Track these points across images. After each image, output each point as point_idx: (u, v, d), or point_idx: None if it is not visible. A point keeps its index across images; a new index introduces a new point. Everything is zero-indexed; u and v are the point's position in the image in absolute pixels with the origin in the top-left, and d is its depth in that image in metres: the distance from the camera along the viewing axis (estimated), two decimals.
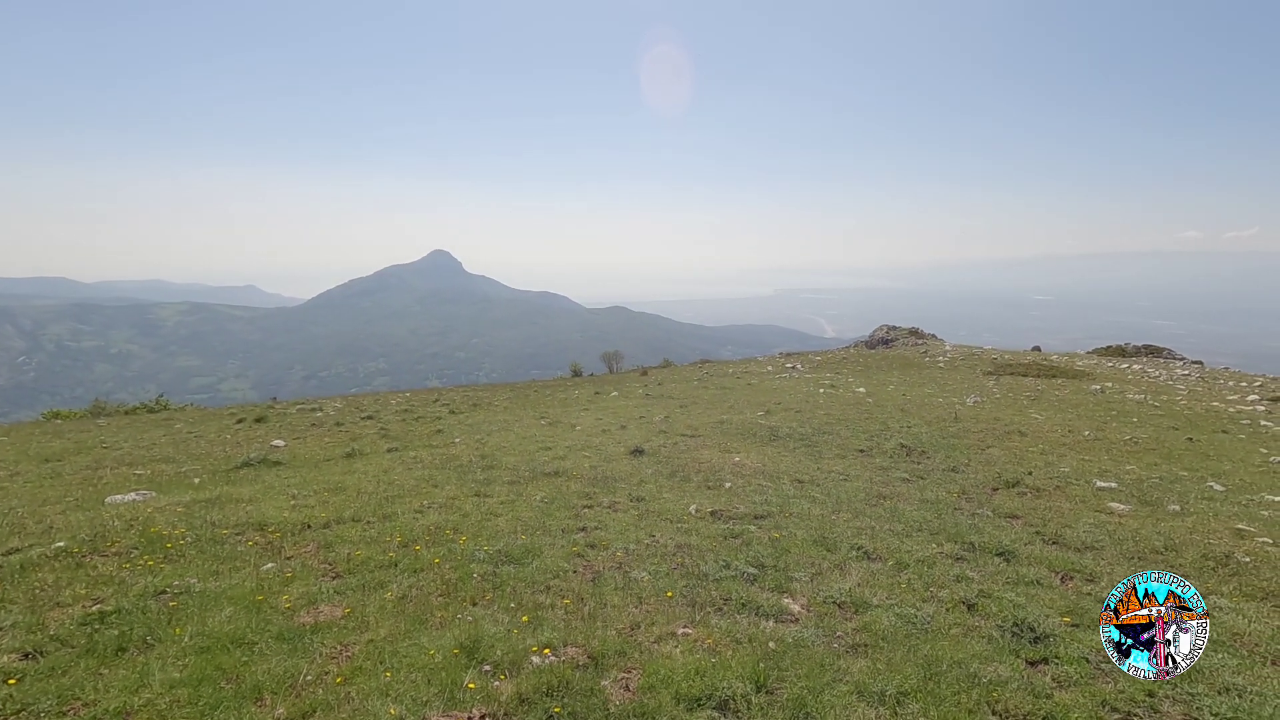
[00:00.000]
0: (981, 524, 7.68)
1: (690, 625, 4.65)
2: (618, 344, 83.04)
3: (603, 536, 6.60)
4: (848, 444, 12.58)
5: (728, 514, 7.56)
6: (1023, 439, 13.72)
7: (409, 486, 8.78)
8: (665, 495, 8.50)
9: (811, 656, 4.19)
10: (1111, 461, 11.94)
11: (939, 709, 3.67)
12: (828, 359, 34.61)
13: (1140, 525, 8.05)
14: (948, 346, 37.56)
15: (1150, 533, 7.69)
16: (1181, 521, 8.35)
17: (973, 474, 10.54)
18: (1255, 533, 7.94)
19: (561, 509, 7.67)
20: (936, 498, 8.94)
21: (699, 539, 6.53)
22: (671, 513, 7.58)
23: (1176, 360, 32.61)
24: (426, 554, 5.91)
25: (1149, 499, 9.41)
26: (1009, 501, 9.02)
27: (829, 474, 10.14)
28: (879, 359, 33.70)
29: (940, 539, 6.91)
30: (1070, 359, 32.47)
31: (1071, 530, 7.66)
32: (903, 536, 6.93)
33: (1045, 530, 7.60)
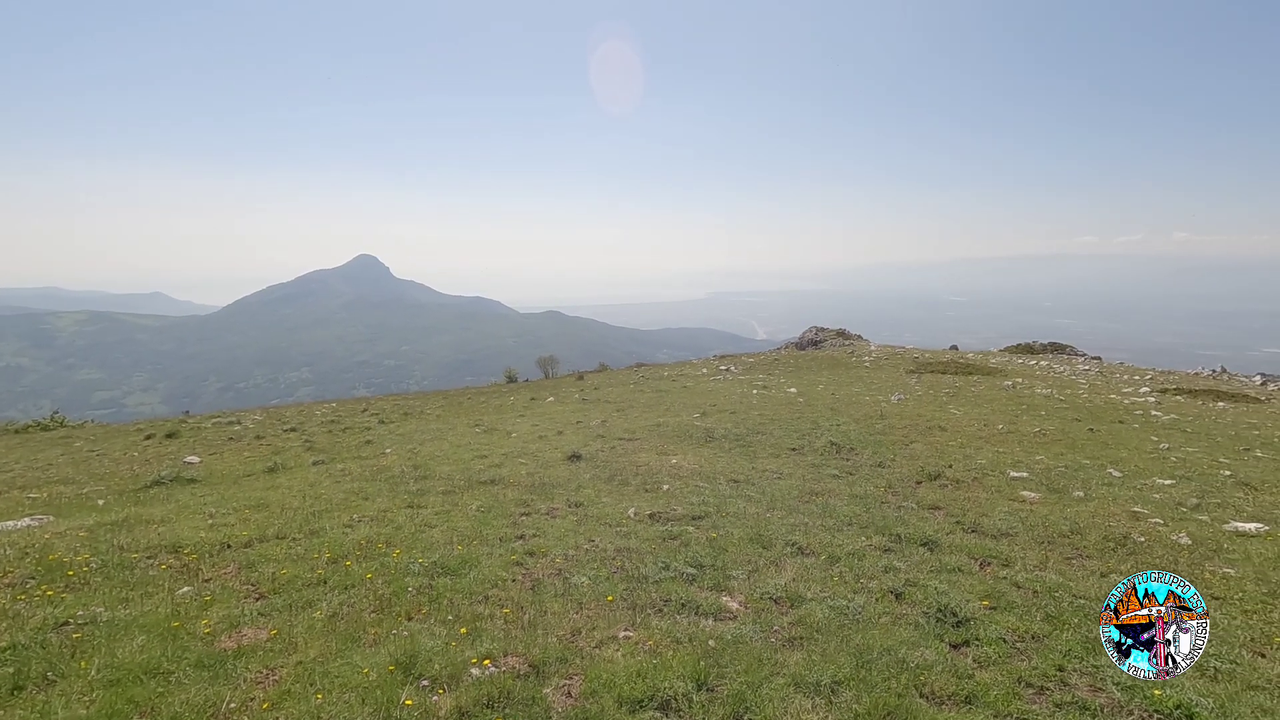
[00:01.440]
0: (907, 516, 8.03)
1: (631, 628, 4.67)
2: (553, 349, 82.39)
3: (541, 544, 6.54)
4: (781, 443, 12.90)
5: (666, 516, 7.62)
6: (943, 434, 14.41)
7: (337, 500, 8.45)
8: (604, 500, 8.50)
9: (750, 652, 4.29)
10: (1023, 452, 12.70)
11: (870, 695, 3.82)
12: (760, 360, 35.38)
13: (1049, 511, 8.60)
14: (873, 346, 39.06)
15: (1058, 518, 8.24)
16: (1085, 506, 8.97)
17: (898, 469, 10.99)
18: (1149, 514, 8.62)
19: (499, 518, 7.55)
20: (865, 493, 9.29)
21: (638, 542, 6.56)
22: (610, 517, 7.59)
23: (1078, 356, 34.99)
24: (358, 569, 5.71)
25: (1056, 486, 10.06)
26: (932, 494, 9.46)
27: (764, 473, 10.37)
28: (809, 360, 34.71)
29: (869, 532, 7.19)
30: (985, 357, 34.35)
31: (988, 519, 8.11)
32: (834, 531, 7.17)
33: (965, 520, 8.02)
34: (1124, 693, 3.94)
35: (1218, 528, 8.16)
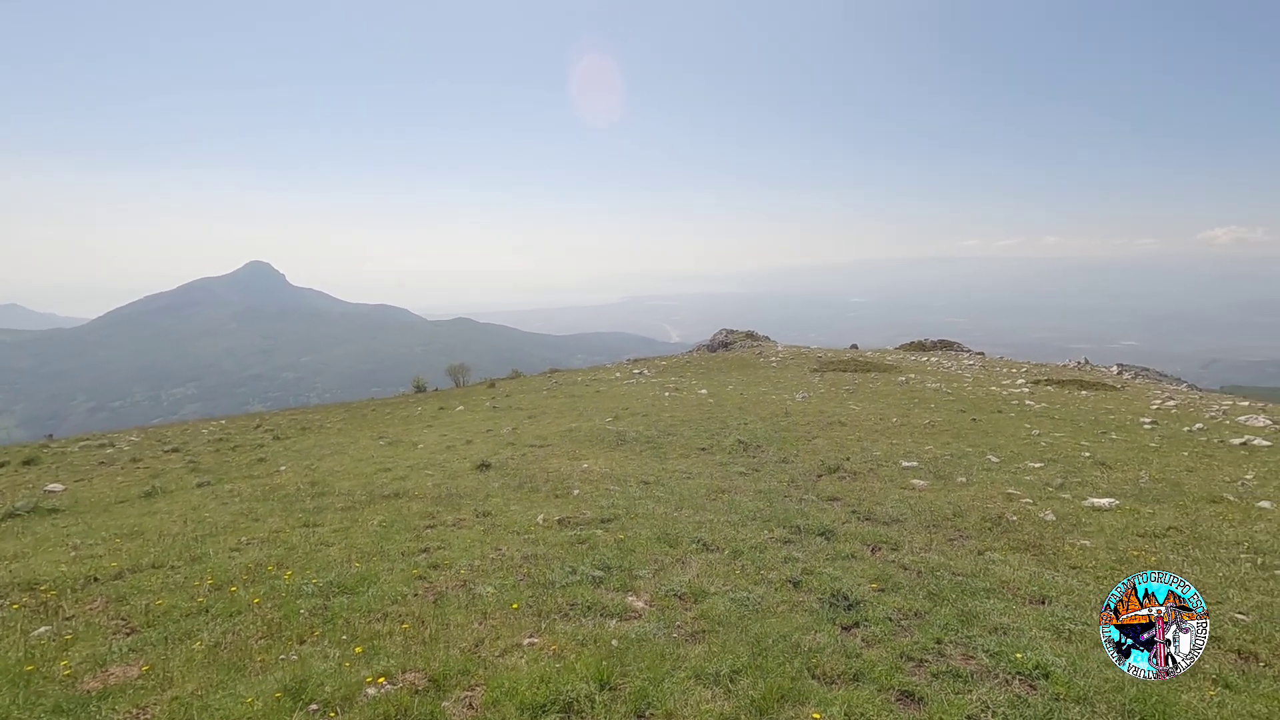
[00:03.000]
0: (807, 508, 8.39)
1: (536, 634, 4.64)
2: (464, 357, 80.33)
3: (446, 555, 6.38)
4: (690, 443, 13.16)
5: (575, 520, 7.62)
6: (843, 428, 15.15)
7: (224, 523, 7.92)
8: (513, 508, 8.39)
9: (653, 649, 4.36)
10: (914, 443, 13.54)
11: (766, 681, 3.98)
12: (672, 363, 35.94)
13: (935, 497, 9.22)
14: (780, 347, 40.51)
15: (942, 503, 8.84)
16: (967, 491, 9.67)
17: (801, 463, 11.46)
18: (1020, 495, 9.40)
19: (402, 531, 7.31)
20: (769, 488, 9.63)
21: (546, 548, 6.53)
22: (519, 524, 7.50)
23: (965, 352, 37.64)
24: (244, 595, 5.37)
25: (942, 474, 10.79)
26: (831, 485, 9.93)
27: (673, 473, 10.55)
28: (719, 361, 35.57)
29: (771, 525, 7.46)
30: (882, 354, 36.36)
31: (881, 507, 8.60)
32: (738, 526, 7.40)
33: (860, 509, 8.46)
34: (991, 658, 4.29)
35: (1078, 504, 9.00)
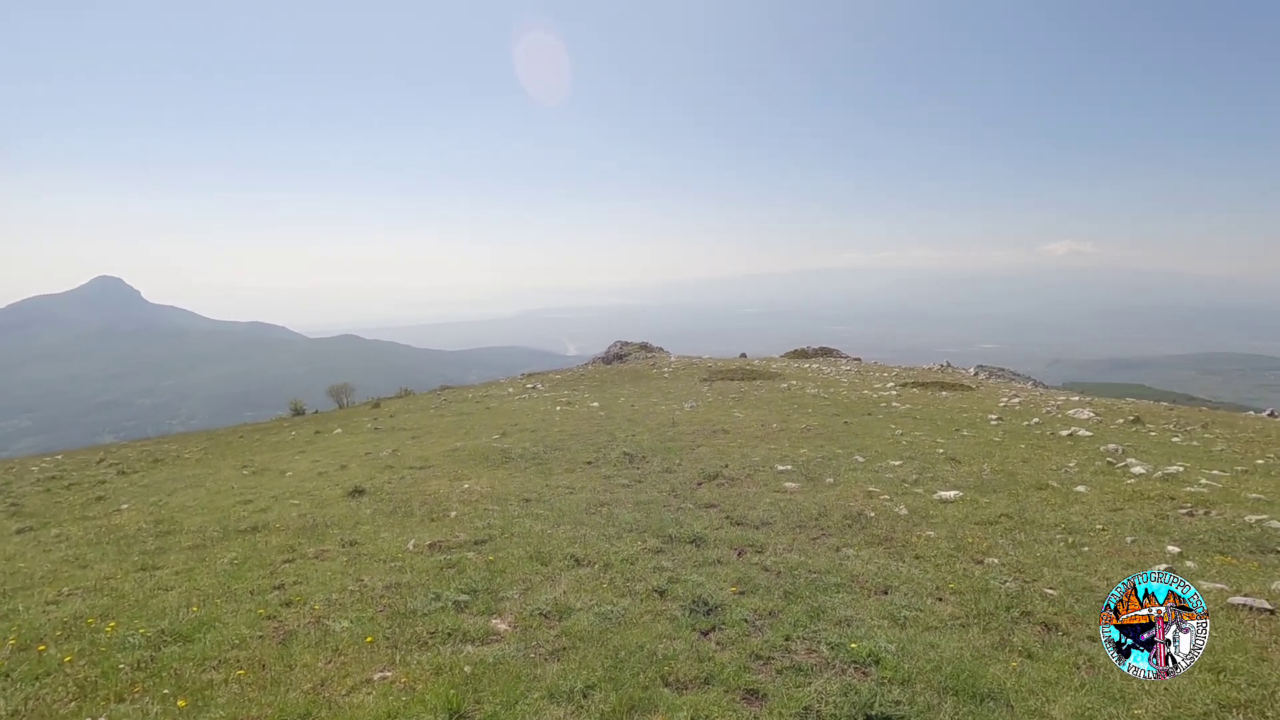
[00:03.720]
0: (683, 517, 8.60)
1: (389, 668, 4.47)
2: (350, 376, 76.25)
3: (302, 591, 6.02)
4: (577, 458, 13.15)
5: (447, 544, 7.41)
6: (727, 436, 15.66)
7: (43, 573, 7.07)
8: (383, 535, 8.05)
9: (510, 670, 4.32)
10: (791, 448, 14.21)
11: (618, 693, 4.04)
12: (567, 377, 35.81)
13: (804, 499, 9.72)
14: (673, 358, 41.35)
15: (810, 503, 9.33)
16: (833, 491, 10.25)
17: (683, 472, 11.73)
18: (880, 492, 10.08)
19: (255, 568, 6.82)
20: (650, 498, 9.79)
21: (412, 575, 6.30)
22: (387, 552, 7.20)
23: (843, 358, 39.99)
24: (55, 653, 4.82)
25: (813, 476, 11.39)
26: (710, 493, 10.23)
27: (556, 489, 10.50)
28: (613, 373, 35.82)
29: (646, 536, 7.59)
30: (768, 362, 37.95)
31: (754, 511, 8.95)
32: (613, 539, 7.47)
33: (734, 514, 8.77)
34: (831, 650, 4.58)
35: (929, 497, 9.77)
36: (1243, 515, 8.68)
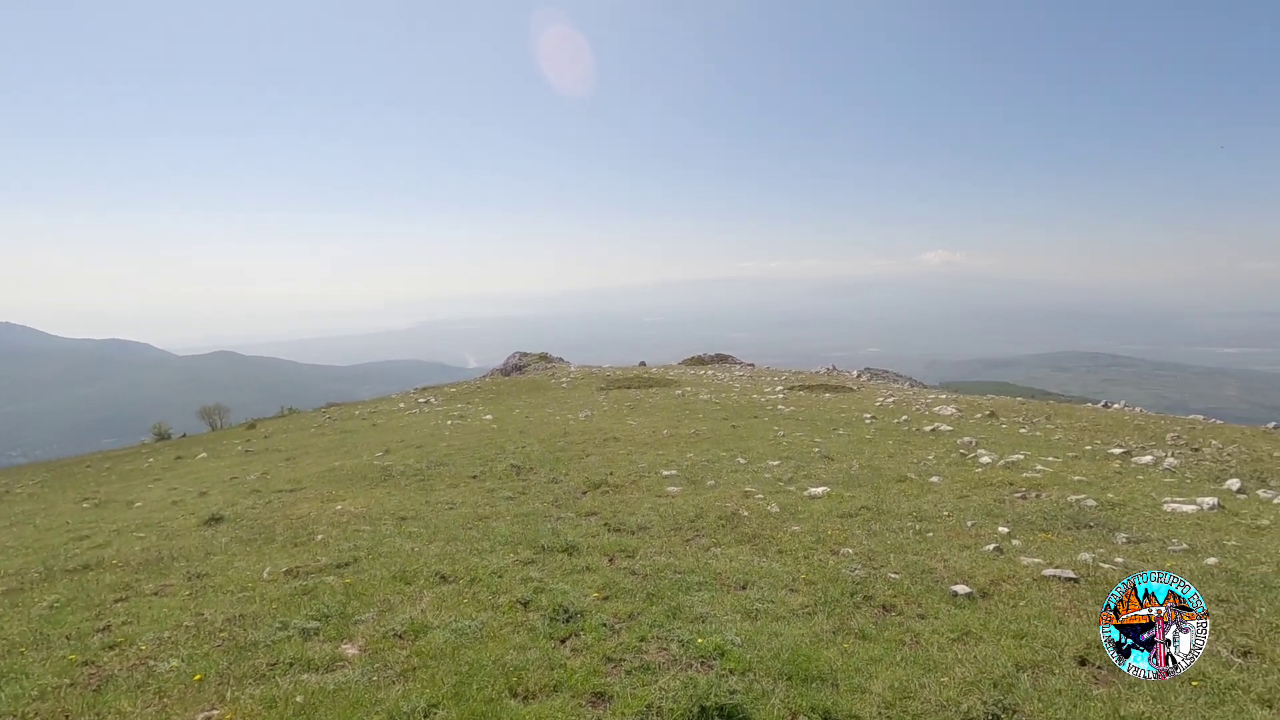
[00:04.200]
0: (562, 526, 8.58)
1: (218, 705, 4.17)
2: (228, 396, 70.75)
3: (131, 631, 5.51)
4: (462, 472, 12.84)
5: (307, 569, 7.02)
6: (617, 444, 15.78)
7: None
8: (237, 564, 7.51)
9: (349, 697, 4.14)
10: (678, 453, 14.51)
11: (462, 708, 3.97)
12: (462, 390, 34.93)
13: (684, 502, 9.94)
14: (572, 368, 41.25)
15: (688, 506, 9.55)
16: (713, 493, 10.55)
17: (570, 482, 11.71)
18: (755, 492, 10.47)
19: (80, 610, 6.18)
20: (531, 510, 9.70)
21: (260, 605, 5.92)
22: (237, 583, 6.73)
23: (737, 364, 41.31)
24: None
25: (695, 479, 11.67)
26: (593, 501, 10.27)
27: (436, 505, 10.20)
28: (511, 385, 35.31)
29: (520, 548, 7.51)
30: (665, 370, 38.60)
31: (633, 516, 9.06)
32: (485, 553, 7.34)
33: (613, 521, 8.85)
34: (681, 647, 4.71)
35: (800, 494, 10.25)
36: (1066, 496, 9.71)
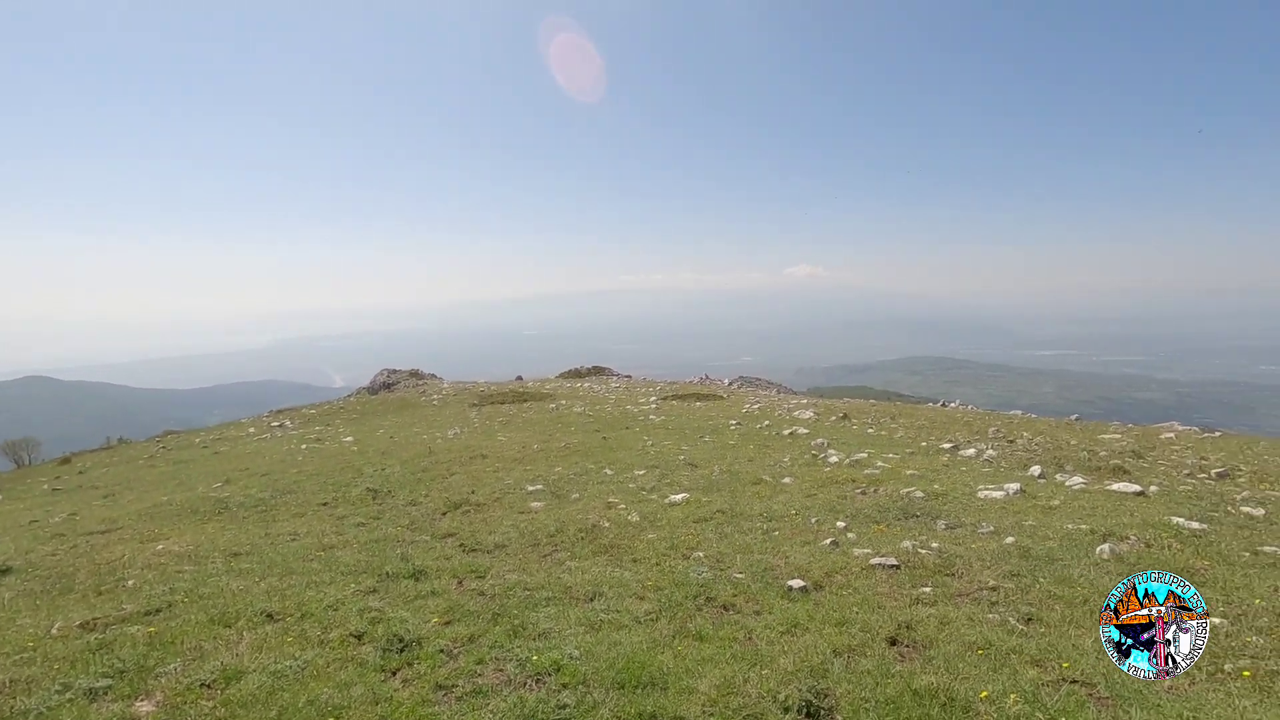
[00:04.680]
0: (414, 551, 8.20)
1: None
2: (41, 428, 62.01)
3: None
4: (311, 500, 11.99)
5: (107, 620, 6.23)
6: (485, 461, 15.38)
7: None
8: (22, 621, 6.54)
9: None
10: (547, 467, 14.36)
11: None
12: (323, 411, 32.74)
13: (546, 517, 9.84)
14: (445, 384, 39.84)
15: (550, 521, 9.46)
16: (576, 506, 10.53)
17: (429, 503, 11.25)
18: (618, 503, 10.55)
19: None
20: (383, 535, 9.21)
21: (42, 666, 5.17)
22: (16, 643, 5.84)
23: (614, 376, 41.69)
24: None
25: (561, 493, 11.60)
26: (452, 522, 9.92)
27: (276, 538, 9.44)
28: (378, 404, 33.55)
29: (363, 577, 7.09)
30: (542, 384, 38.23)
31: (492, 535, 8.84)
32: (324, 586, 6.87)
33: (470, 541, 8.57)
34: (517, 667, 4.63)
35: (661, 502, 10.45)
36: (900, 489, 10.56)
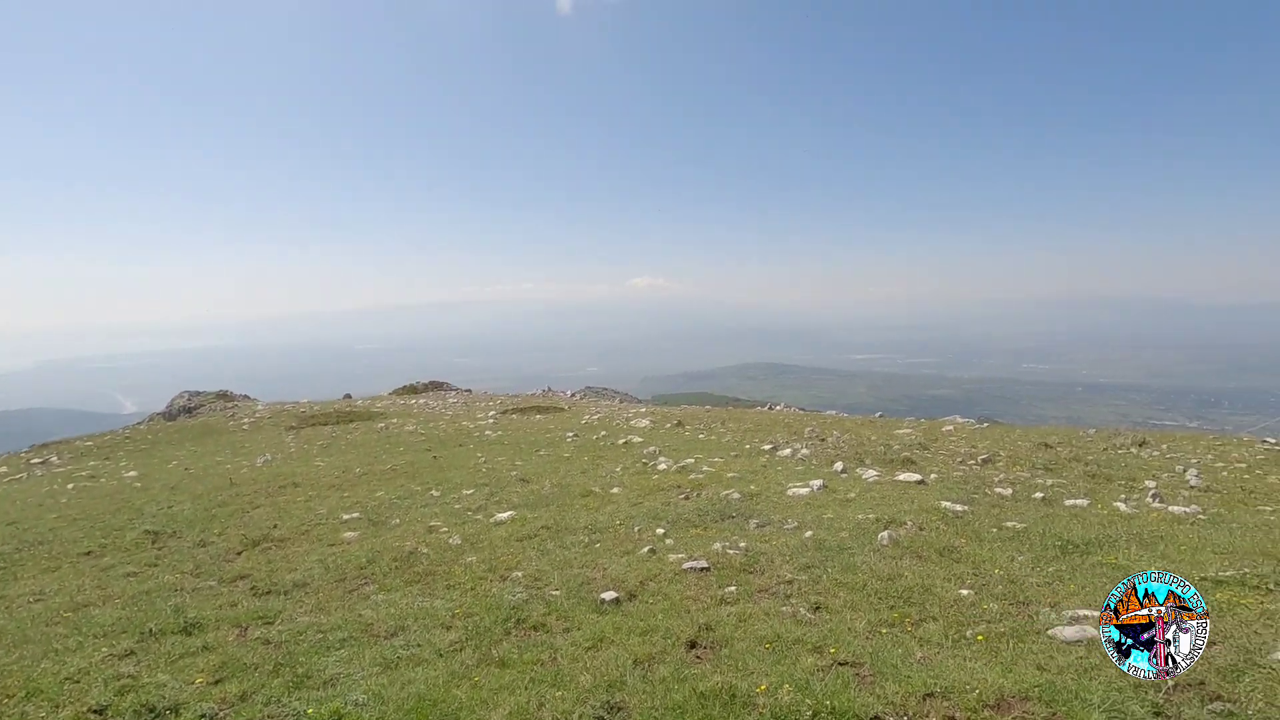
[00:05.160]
0: (191, 600, 7.23)
1: None
2: None
3: None
4: (70, 550, 10.21)
5: None
6: (296, 489, 14.05)
7: None
8: None
9: None
10: (368, 492, 13.40)
11: None
12: (103, 443, 28.21)
13: (359, 547, 9.13)
14: (259, 406, 36.09)
15: (363, 551, 8.79)
16: (394, 533, 9.90)
17: (223, 542, 10.03)
18: (440, 525, 10.08)
19: None
20: (158, 585, 8.04)
21: None
22: None
23: (453, 391, 40.13)
24: None
25: (380, 520, 10.85)
26: (247, 562, 8.91)
27: (15, 600, 7.91)
28: (175, 431, 29.63)
29: (121, 638, 6.10)
30: (372, 402, 35.84)
31: (293, 573, 8.03)
32: (68, 653, 5.81)
33: (265, 582, 7.72)
34: None
35: (487, 522, 10.13)
36: (720, 492, 11.08)
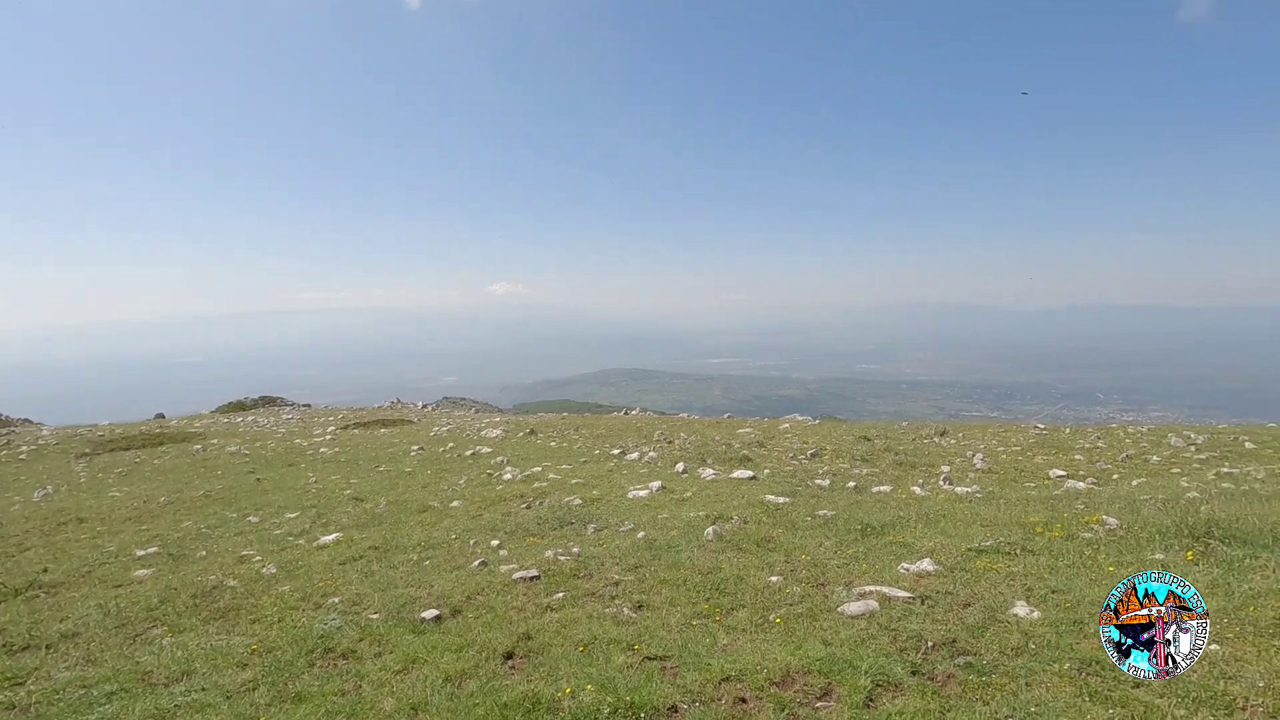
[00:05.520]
0: None
1: None
2: None
3: None
4: None
5: None
6: (80, 525, 12.27)
7: None
8: None
9: None
10: (171, 523, 11.98)
11: None
12: None
13: (153, 586, 8.13)
14: (44, 431, 31.06)
15: (154, 590, 7.83)
16: (197, 566, 8.95)
17: None
18: (254, 554, 9.22)
19: None
20: None
21: None
22: None
23: (287, 407, 36.94)
24: None
25: (182, 553, 9.74)
26: (5, 615, 7.60)
27: None
28: None
29: None
30: (189, 421, 32.08)
31: (63, 623, 6.97)
32: None
33: (22, 637, 6.63)
34: None
35: (309, 546, 9.42)
36: (563, 498, 11.08)
